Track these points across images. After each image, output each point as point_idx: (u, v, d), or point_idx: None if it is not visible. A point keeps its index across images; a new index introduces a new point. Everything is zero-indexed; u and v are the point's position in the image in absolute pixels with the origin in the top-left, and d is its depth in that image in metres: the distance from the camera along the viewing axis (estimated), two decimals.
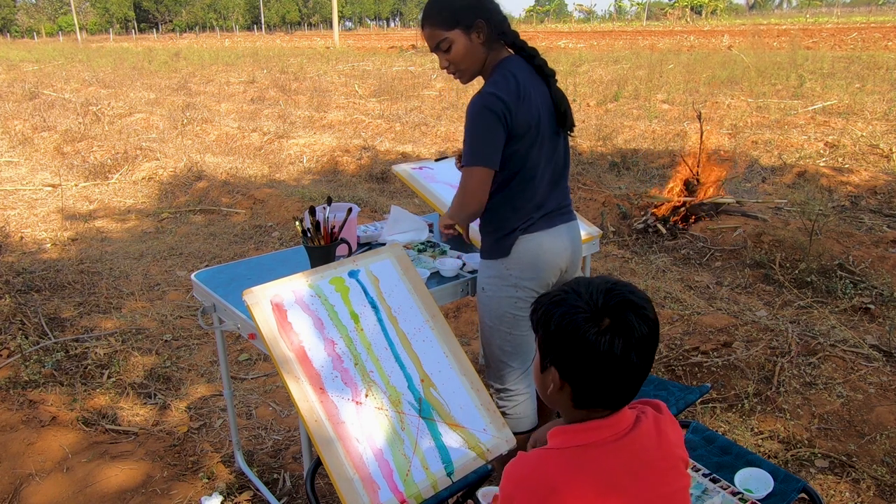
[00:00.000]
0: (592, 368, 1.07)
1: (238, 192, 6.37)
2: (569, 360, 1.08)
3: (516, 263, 1.98)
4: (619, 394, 1.11)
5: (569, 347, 1.08)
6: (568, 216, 2.09)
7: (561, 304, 1.09)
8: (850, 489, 2.37)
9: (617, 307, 1.06)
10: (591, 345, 1.05)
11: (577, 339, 1.06)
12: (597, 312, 1.06)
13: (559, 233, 2.03)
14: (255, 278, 2.04)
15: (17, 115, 11.48)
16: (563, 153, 2.04)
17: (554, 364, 1.11)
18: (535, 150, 1.91)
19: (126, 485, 2.42)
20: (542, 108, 1.90)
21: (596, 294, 1.08)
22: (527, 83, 1.86)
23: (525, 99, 1.84)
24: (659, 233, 4.97)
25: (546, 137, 1.93)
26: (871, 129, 8.13)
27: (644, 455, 1.10)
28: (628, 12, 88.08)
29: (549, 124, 1.93)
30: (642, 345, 1.07)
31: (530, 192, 1.94)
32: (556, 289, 1.15)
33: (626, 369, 1.07)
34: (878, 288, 3.86)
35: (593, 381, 1.08)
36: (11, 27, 76.15)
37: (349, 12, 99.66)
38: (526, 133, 1.86)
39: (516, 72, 1.85)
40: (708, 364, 3.09)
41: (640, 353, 1.07)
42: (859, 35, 25.33)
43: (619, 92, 11.66)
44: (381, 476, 1.55)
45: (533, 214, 1.96)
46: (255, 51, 27.76)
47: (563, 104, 1.94)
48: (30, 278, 4.36)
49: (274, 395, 3.12)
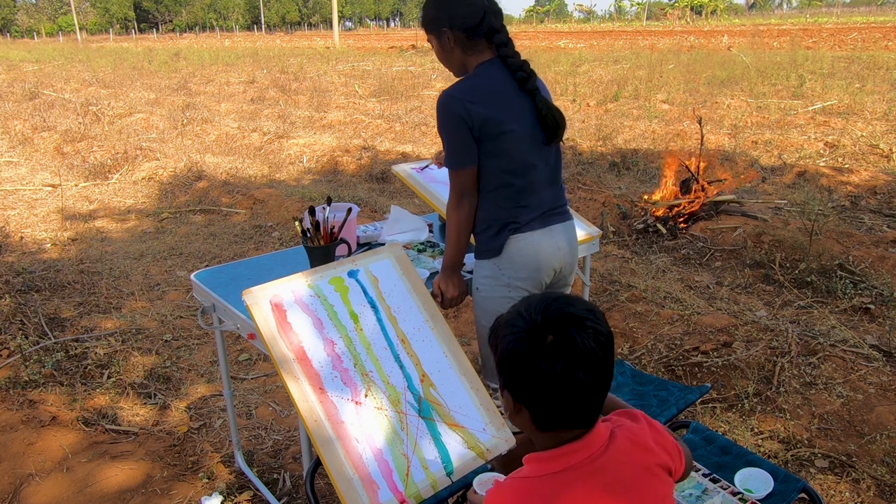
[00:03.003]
0: (540, 391, 1.02)
1: (238, 192, 6.38)
2: (517, 384, 1.04)
3: (508, 263, 1.96)
4: (579, 413, 1.05)
5: (514, 371, 1.03)
6: (563, 216, 2.06)
7: (506, 326, 1.05)
8: (850, 489, 2.37)
9: (556, 322, 1.01)
10: (532, 367, 1.00)
11: (519, 362, 1.02)
12: (536, 331, 1.01)
13: (553, 232, 2.00)
14: (255, 278, 2.04)
15: (17, 115, 11.48)
16: (555, 152, 2.02)
17: (507, 387, 1.07)
18: (519, 148, 1.89)
19: (126, 485, 2.42)
20: (520, 112, 1.88)
21: (535, 311, 1.03)
22: (496, 85, 1.86)
23: (489, 97, 1.84)
24: (659, 233, 4.97)
25: (529, 137, 1.90)
26: (871, 129, 8.13)
27: (623, 471, 1.06)
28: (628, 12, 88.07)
29: (532, 129, 1.90)
30: (588, 360, 1.00)
31: (521, 191, 1.93)
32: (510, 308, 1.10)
33: (575, 388, 1.01)
34: (878, 288, 3.86)
35: (546, 404, 1.03)
36: (11, 27, 76.16)
37: (349, 12, 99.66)
38: (498, 131, 1.84)
39: (488, 74, 1.87)
40: (708, 364, 3.09)
41: (587, 370, 1.00)
42: (859, 35, 25.33)
43: (619, 92, 11.66)
44: (381, 476, 1.55)
45: (524, 213, 1.94)
46: (255, 51, 27.76)
47: (550, 117, 1.89)
48: (30, 278, 4.36)
49: (274, 395, 3.12)
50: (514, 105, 1.88)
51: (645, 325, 3.49)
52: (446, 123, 1.85)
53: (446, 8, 1.85)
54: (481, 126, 1.83)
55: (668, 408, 2.10)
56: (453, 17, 1.84)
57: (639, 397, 2.23)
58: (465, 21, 1.83)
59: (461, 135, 1.84)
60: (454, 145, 1.87)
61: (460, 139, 1.85)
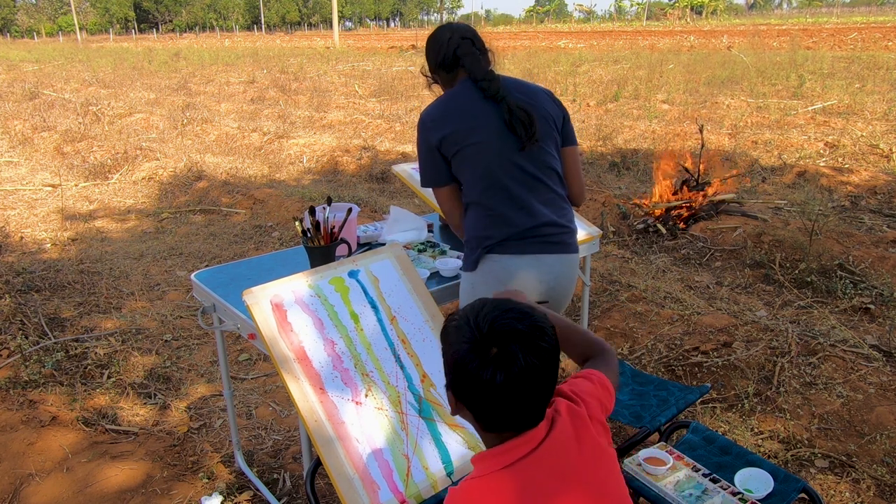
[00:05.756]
0: (481, 397, 1.04)
1: (238, 192, 6.38)
2: (459, 387, 1.07)
3: (481, 281, 1.93)
4: (519, 419, 1.07)
5: (457, 375, 1.06)
6: (557, 246, 1.93)
7: (455, 330, 1.07)
8: (850, 489, 2.37)
9: (502, 337, 1.03)
10: (473, 376, 1.02)
11: (461, 368, 1.04)
12: (481, 341, 1.03)
13: (540, 263, 1.90)
14: (255, 278, 2.04)
15: (17, 115, 11.48)
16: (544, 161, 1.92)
17: (451, 388, 1.09)
18: (487, 161, 1.86)
19: (126, 485, 2.42)
20: (485, 123, 1.87)
21: (483, 322, 1.04)
22: (462, 101, 1.91)
23: (453, 114, 1.90)
24: (659, 233, 4.97)
25: (497, 148, 1.87)
26: (871, 129, 8.13)
27: (567, 455, 1.08)
28: (628, 12, 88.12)
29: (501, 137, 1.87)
30: (528, 375, 1.02)
31: (491, 206, 1.88)
32: (460, 310, 1.12)
33: (516, 398, 1.03)
34: (878, 288, 3.86)
35: (487, 409, 1.06)
36: (11, 27, 76.18)
37: (349, 12, 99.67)
38: (460, 146, 1.88)
39: (456, 92, 1.95)
40: (708, 364, 3.09)
41: (527, 383, 1.03)
42: (859, 35, 25.33)
43: (619, 92, 11.66)
44: (381, 476, 1.55)
45: (496, 230, 1.88)
46: (254, 51, 27.76)
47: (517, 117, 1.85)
48: (30, 278, 4.36)
49: (274, 395, 3.12)
50: (478, 116, 1.88)
51: (645, 325, 3.49)
52: (418, 144, 1.97)
53: (429, 56, 2.04)
54: (441, 144, 1.90)
55: (668, 408, 2.10)
56: (432, 62, 2.03)
57: (639, 397, 2.23)
58: (437, 60, 2.00)
59: (429, 155, 1.94)
60: (425, 166, 1.98)
61: (430, 160, 1.95)
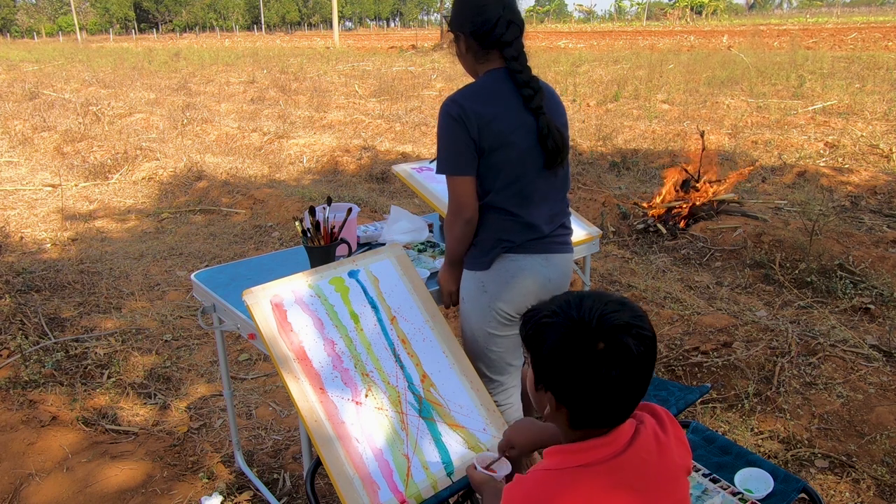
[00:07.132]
0: (590, 393, 1.04)
1: (238, 192, 6.38)
2: (564, 385, 1.05)
3: (494, 280, 1.91)
4: (618, 413, 1.08)
5: (564, 373, 1.04)
6: (562, 246, 1.99)
7: (553, 327, 1.05)
8: (850, 489, 2.37)
9: (612, 330, 1.02)
10: (588, 372, 1.02)
11: (572, 365, 1.02)
12: (590, 336, 1.02)
13: (550, 262, 1.95)
14: (255, 278, 2.04)
15: (17, 115, 11.48)
16: (562, 175, 1.95)
17: (549, 389, 1.08)
18: (522, 163, 1.84)
19: (126, 485, 2.42)
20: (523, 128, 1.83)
21: (589, 316, 1.03)
22: (501, 94, 1.82)
23: (492, 106, 1.80)
24: (659, 233, 4.97)
25: (529, 156, 1.85)
26: (871, 129, 8.13)
27: (644, 469, 1.08)
28: (628, 12, 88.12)
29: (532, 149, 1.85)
30: (639, 364, 1.03)
31: (519, 210, 1.87)
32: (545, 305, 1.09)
33: (624, 391, 1.04)
34: (878, 288, 3.86)
35: (591, 405, 1.05)
36: (11, 27, 76.17)
37: (349, 12, 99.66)
38: (500, 142, 1.80)
39: (494, 80, 1.84)
40: (708, 364, 3.09)
41: (637, 374, 1.04)
42: (859, 35, 25.34)
43: (619, 92, 11.66)
44: (381, 476, 1.55)
45: (520, 234, 1.89)
46: (255, 51, 27.76)
47: (551, 140, 1.83)
48: (30, 278, 4.36)
49: (274, 395, 3.12)
50: (517, 118, 1.83)
51: None
52: (447, 127, 1.81)
53: (463, 13, 1.85)
54: (483, 129, 1.78)
55: (668, 408, 2.09)
56: (466, 24, 1.83)
57: None
58: (476, 28, 1.81)
59: (460, 140, 1.80)
60: (451, 151, 1.82)
61: (459, 145, 1.80)
